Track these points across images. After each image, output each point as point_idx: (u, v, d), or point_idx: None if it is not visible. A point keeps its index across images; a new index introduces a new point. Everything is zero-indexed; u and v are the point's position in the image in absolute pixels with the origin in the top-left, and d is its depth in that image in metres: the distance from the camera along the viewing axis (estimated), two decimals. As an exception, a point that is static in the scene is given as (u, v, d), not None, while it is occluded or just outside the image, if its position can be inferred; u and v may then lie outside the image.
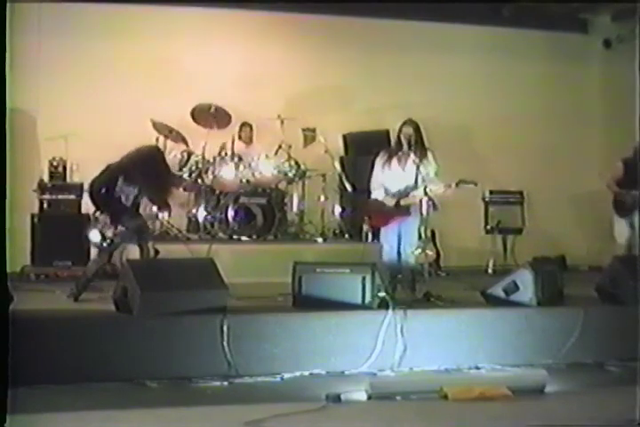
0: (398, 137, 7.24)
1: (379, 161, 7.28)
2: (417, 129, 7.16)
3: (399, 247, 7.14)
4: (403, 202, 7.12)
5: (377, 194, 7.23)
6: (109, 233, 7.04)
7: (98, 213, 7.11)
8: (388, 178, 7.20)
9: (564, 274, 7.62)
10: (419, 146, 7.14)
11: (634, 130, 9.37)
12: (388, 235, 7.21)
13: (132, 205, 7.09)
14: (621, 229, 8.98)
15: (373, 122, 10.03)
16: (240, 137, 9.87)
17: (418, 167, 7.05)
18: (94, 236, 7.08)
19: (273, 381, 5.84)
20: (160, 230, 9.16)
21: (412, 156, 7.12)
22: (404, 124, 7.21)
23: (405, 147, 7.17)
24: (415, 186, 7.07)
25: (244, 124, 9.90)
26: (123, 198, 7.00)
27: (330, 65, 10.50)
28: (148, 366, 5.78)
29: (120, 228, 7.04)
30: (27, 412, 4.78)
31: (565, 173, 11.09)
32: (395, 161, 7.19)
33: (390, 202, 7.14)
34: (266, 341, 6.01)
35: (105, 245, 7.10)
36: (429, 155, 7.17)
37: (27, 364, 5.29)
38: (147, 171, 7.04)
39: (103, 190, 7.04)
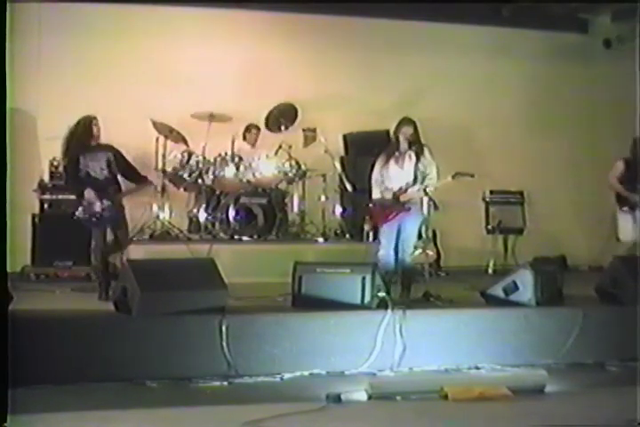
0: (396, 136, 7.22)
1: (377, 163, 7.29)
2: (416, 127, 7.17)
3: (397, 246, 7.15)
4: (402, 198, 7.13)
5: (376, 193, 7.25)
6: (97, 208, 7.14)
7: (83, 194, 7.17)
8: (386, 179, 7.21)
9: (564, 274, 7.63)
10: (417, 144, 7.15)
11: (634, 130, 9.38)
12: (386, 233, 7.20)
13: (105, 178, 7.24)
14: (626, 226, 8.93)
15: (373, 122, 10.02)
16: (244, 137, 9.86)
17: (417, 164, 7.08)
18: (80, 214, 7.17)
19: (273, 381, 5.85)
20: (161, 230, 9.16)
21: (410, 154, 7.14)
22: (404, 123, 7.20)
23: (404, 146, 7.17)
24: (414, 182, 7.09)
25: (252, 127, 9.87)
26: (92, 173, 7.19)
27: (330, 65, 10.50)
28: (148, 366, 5.79)
29: (106, 202, 7.14)
30: (27, 412, 4.78)
31: (565, 173, 11.09)
32: (392, 162, 7.20)
33: (388, 195, 7.15)
34: (265, 341, 6.01)
35: (94, 220, 7.16)
36: (426, 151, 7.18)
37: (27, 364, 5.30)
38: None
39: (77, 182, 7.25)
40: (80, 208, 7.16)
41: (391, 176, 7.19)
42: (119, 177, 7.37)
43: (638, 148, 8.97)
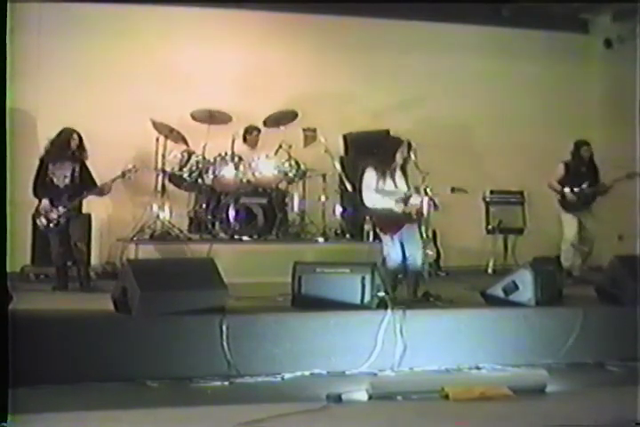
0: (394, 154, 7.21)
1: (372, 178, 7.23)
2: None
3: (403, 250, 7.13)
4: (407, 209, 7.14)
5: (383, 203, 7.19)
6: (54, 215, 7.65)
7: (41, 202, 7.73)
8: (384, 194, 7.19)
9: (564, 274, 7.63)
10: (407, 164, 7.25)
11: (634, 130, 9.39)
12: (393, 240, 7.18)
13: (65, 186, 7.72)
14: (570, 226, 9.11)
15: (373, 122, 10.02)
16: (245, 139, 9.85)
17: (406, 181, 7.23)
18: (41, 222, 7.72)
19: (273, 381, 5.85)
20: (161, 230, 9.15)
21: (399, 172, 7.25)
22: (405, 145, 7.21)
23: (397, 163, 7.21)
24: (411, 193, 7.16)
25: (252, 128, 9.85)
26: (55, 180, 7.72)
27: (330, 65, 10.49)
28: (148, 366, 5.79)
29: (61, 209, 7.64)
30: (27, 412, 4.78)
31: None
32: (388, 178, 7.22)
33: (400, 208, 7.14)
34: (266, 341, 6.01)
35: (52, 226, 7.66)
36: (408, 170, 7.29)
37: (27, 364, 5.29)
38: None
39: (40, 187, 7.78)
40: (40, 217, 7.70)
41: (388, 193, 7.20)
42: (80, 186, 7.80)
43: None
